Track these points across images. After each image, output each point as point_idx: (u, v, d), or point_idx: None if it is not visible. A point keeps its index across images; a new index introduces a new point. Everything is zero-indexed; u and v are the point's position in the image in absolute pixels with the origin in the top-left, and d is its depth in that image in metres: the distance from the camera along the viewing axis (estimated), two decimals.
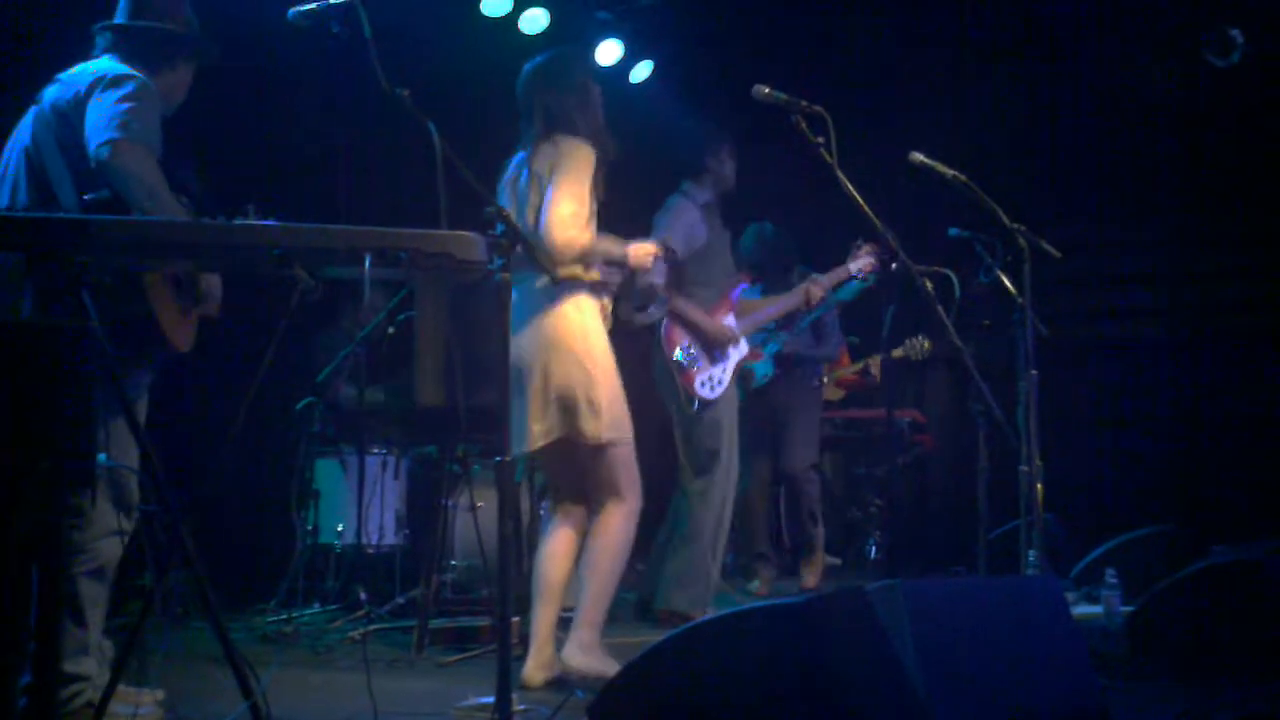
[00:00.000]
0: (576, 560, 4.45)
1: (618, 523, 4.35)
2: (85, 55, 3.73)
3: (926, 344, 7.13)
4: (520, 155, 4.46)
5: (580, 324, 4.30)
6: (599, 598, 4.33)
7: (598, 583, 4.33)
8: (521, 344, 4.25)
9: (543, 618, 4.31)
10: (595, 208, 4.31)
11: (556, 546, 4.41)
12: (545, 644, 4.30)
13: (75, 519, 3.42)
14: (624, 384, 4.42)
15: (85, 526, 3.48)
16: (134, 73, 3.57)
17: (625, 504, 4.36)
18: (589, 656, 4.27)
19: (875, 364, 7.83)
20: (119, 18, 3.78)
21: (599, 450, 4.30)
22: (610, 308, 4.46)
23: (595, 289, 4.37)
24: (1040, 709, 3.33)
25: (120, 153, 3.34)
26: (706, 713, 3.08)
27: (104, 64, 3.62)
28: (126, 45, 3.71)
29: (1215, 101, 7.91)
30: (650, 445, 4.53)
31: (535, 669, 4.25)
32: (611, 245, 4.40)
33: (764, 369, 6.86)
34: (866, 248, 6.19)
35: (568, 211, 4.18)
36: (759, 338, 6.68)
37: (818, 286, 6.18)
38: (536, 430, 4.26)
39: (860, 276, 6.24)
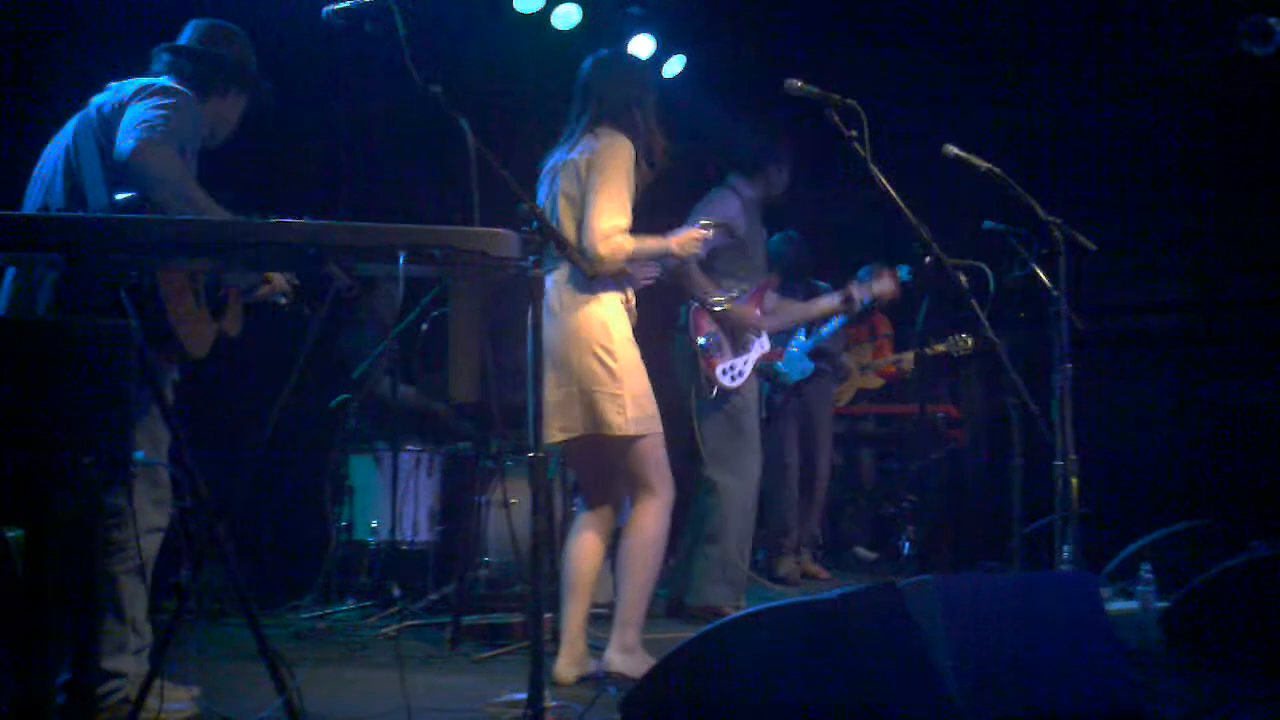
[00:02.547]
0: (604, 556, 4.47)
1: (650, 519, 4.33)
2: (131, 68, 3.80)
3: (969, 341, 7.10)
4: (562, 147, 4.45)
5: (601, 317, 4.28)
6: (637, 598, 4.32)
7: (635, 583, 4.31)
8: (547, 337, 4.25)
9: (573, 614, 4.31)
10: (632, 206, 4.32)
11: (583, 542, 4.40)
12: (576, 640, 4.30)
13: (116, 518, 3.46)
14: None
15: (126, 525, 3.52)
16: (182, 88, 3.62)
17: (657, 499, 4.34)
18: (632, 658, 4.26)
19: (908, 358, 7.86)
20: (181, 42, 3.87)
21: (625, 444, 4.29)
22: (634, 300, 4.45)
23: (619, 282, 4.36)
24: (1075, 705, 3.32)
25: (144, 150, 3.37)
26: (738, 708, 3.08)
27: (155, 79, 3.70)
28: (181, 67, 3.80)
29: (1252, 92, 7.83)
30: (673, 437, 4.51)
31: (567, 666, 4.25)
32: (653, 243, 4.40)
33: (803, 364, 6.92)
34: (885, 272, 6.36)
35: (609, 224, 4.20)
36: (795, 338, 6.79)
37: (859, 290, 6.29)
38: (555, 425, 4.26)
39: (882, 300, 6.37)
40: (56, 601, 2.59)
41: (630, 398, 4.26)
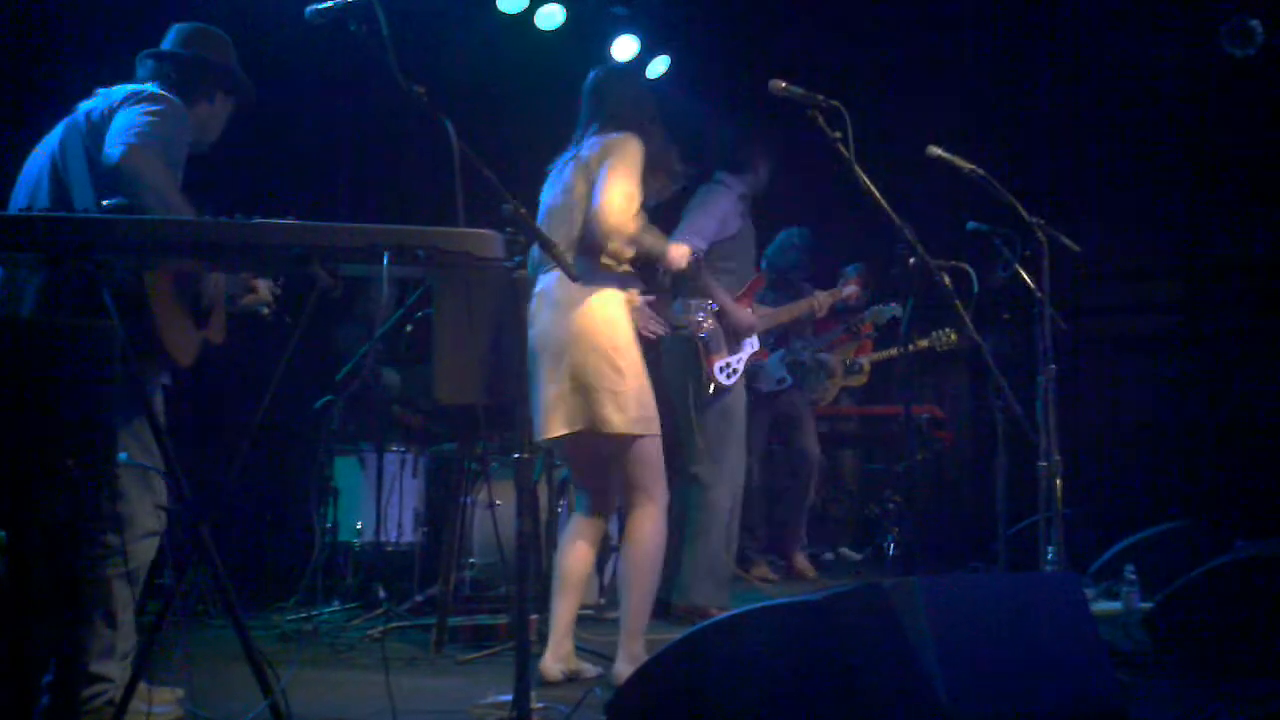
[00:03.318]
0: (596, 555, 4.46)
1: (648, 526, 4.29)
2: (120, 72, 3.79)
3: (953, 335, 7.22)
4: (570, 150, 4.48)
5: (605, 315, 4.27)
6: (641, 607, 4.29)
7: (639, 592, 4.28)
8: (547, 332, 4.26)
9: (562, 612, 4.30)
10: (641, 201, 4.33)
11: (578, 541, 4.39)
12: (564, 638, 4.29)
13: (112, 522, 3.45)
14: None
15: (124, 530, 3.50)
16: (170, 95, 3.62)
17: (653, 504, 4.31)
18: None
19: (890, 354, 7.94)
20: (164, 47, 3.86)
21: (625, 443, 4.27)
22: (637, 300, 4.45)
23: (622, 280, 4.36)
24: (1059, 706, 3.32)
25: (132, 156, 3.36)
26: (724, 709, 3.08)
27: (143, 85, 3.69)
28: (166, 72, 3.79)
29: (1235, 92, 7.87)
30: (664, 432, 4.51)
31: (552, 662, 4.24)
32: (655, 240, 4.43)
33: (779, 373, 7.03)
34: (854, 279, 6.81)
35: (619, 194, 4.21)
36: (777, 353, 7.07)
37: (825, 297, 6.52)
38: (556, 420, 4.24)
39: (849, 301, 6.78)
40: (40, 603, 2.58)
41: (633, 396, 4.24)
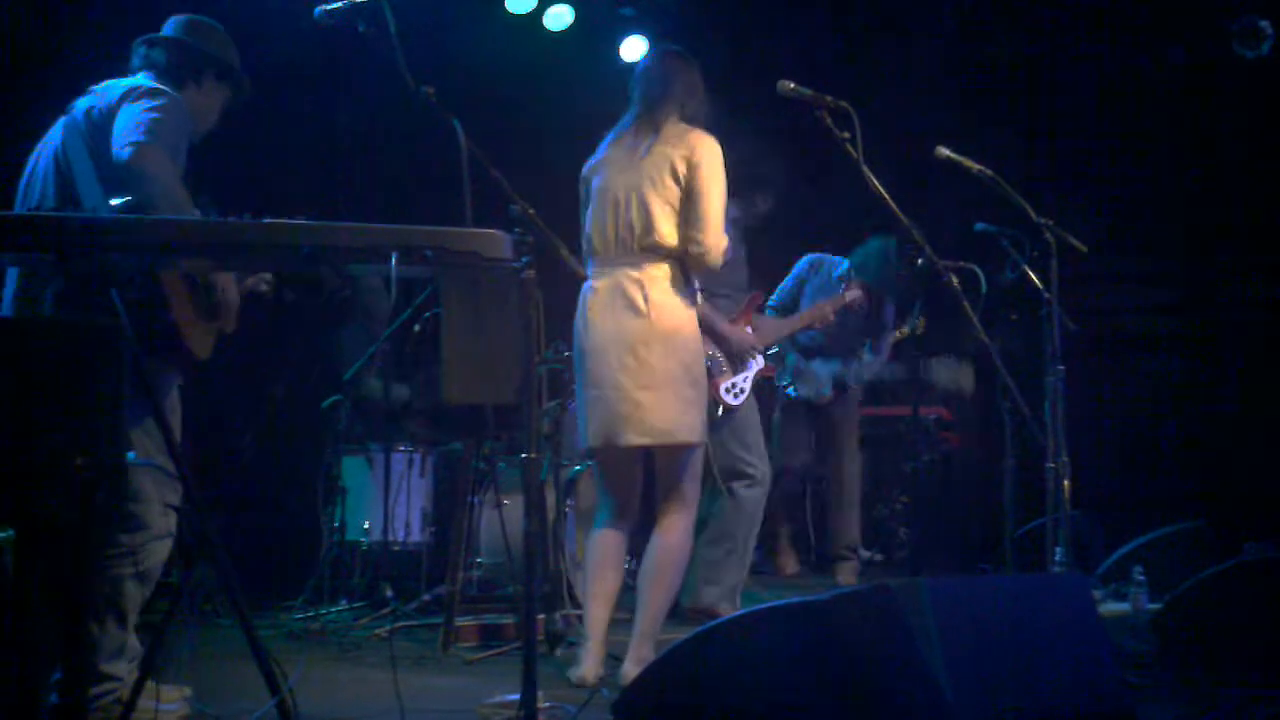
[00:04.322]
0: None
1: (679, 531, 4.31)
2: (114, 71, 3.79)
3: (921, 320, 7.18)
4: (637, 136, 4.37)
5: (687, 318, 4.27)
6: (659, 611, 4.30)
7: (660, 595, 4.29)
8: (619, 330, 4.22)
9: (601, 618, 4.29)
10: None
11: (611, 551, 4.38)
12: (602, 644, 4.28)
13: (128, 524, 3.46)
14: None
15: (138, 530, 3.52)
16: (167, 89, 3.63)
17: (687, 510, 4.33)
18: None
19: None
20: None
21: (690, 452, 4.29)
22: (703, 306, 4.49)
23: (694, 285, 4.37)
24: (1067, 707, 3.32)
25: (141, 154, 3.37)
26: (731, 709, 3.08)
27: (139, 78, 3.71)
28: (158, 59, 3.79)
29: (1242, 92, 7.85)
30: None
31: (593, 667, 4.24)
32: None
33: (825, 387, 7.08)
34: (854, 283, 6.77)
35: (722, 219, 4.24)
36: (832, 365, 7.16)
37: (829, 305, 6.49)
38: (633, 429, 4.18)
39: (854, 307, 6.70)
40: (47, 602, 2.58)
41: (703, 402, 4.29)
